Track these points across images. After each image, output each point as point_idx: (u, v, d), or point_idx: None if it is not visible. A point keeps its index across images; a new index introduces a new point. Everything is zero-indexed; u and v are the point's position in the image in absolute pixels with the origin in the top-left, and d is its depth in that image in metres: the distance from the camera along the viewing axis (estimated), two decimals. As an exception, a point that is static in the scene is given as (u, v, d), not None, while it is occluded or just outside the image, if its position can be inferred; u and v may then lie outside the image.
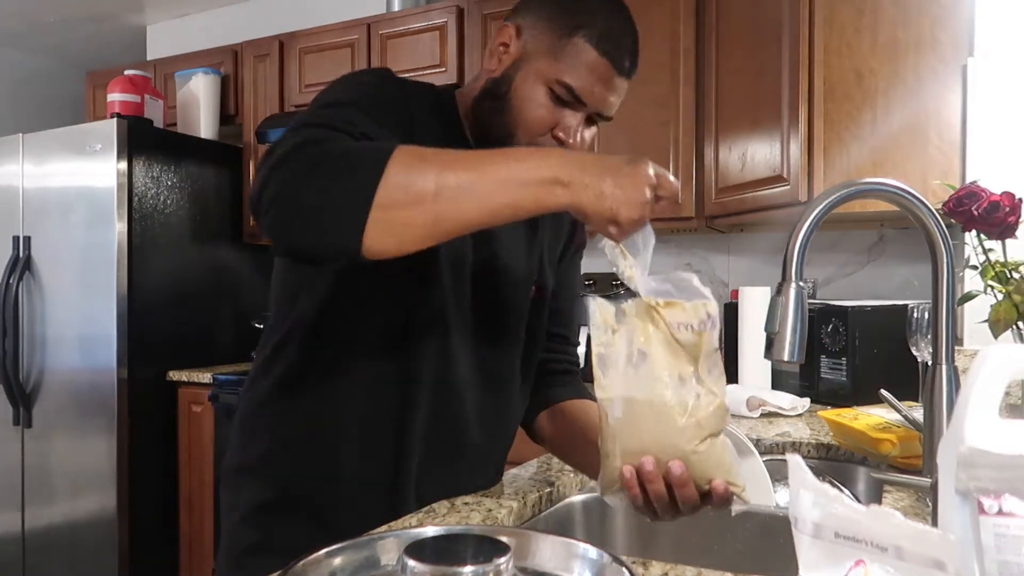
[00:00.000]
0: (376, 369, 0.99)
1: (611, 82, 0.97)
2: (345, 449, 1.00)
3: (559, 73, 0.96)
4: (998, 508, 0.55)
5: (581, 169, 0.78)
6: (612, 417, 0.78)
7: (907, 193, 0.88)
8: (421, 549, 0.65)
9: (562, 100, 0.97)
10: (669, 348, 0.78)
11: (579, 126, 0.98)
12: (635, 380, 0.77)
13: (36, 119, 4.09)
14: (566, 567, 0.72)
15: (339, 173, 0.77)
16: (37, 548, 3.03)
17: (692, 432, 0.77)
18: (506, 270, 1.06)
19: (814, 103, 1.95)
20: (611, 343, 0.79)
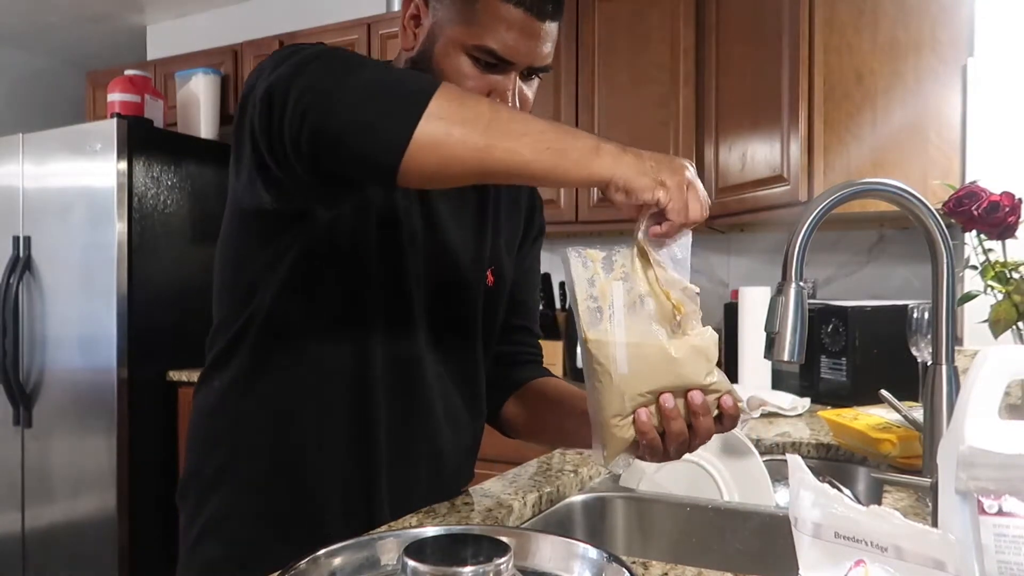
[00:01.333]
0: (332, 366, 0.94)
1: (535, 32, 0.89)
2: (309, 453, 0.95)
3: (476, 37, 0.88)
4: (998, 508, 0.55)
5: (619, 149, 0.74)
6: (616, 369, 0.74)
7: (907, 193, 0.88)
8: (421, 549, 0.65)
9: (489, 65, 0.90)
10: (669, 289, 0.78)
11: (515, 86, 0.92)
12: (636, 325, 0.75)
13: (36, 119, 4.09)
14: (566, 567, 0.72)
15: (387, 76, 0.73)
16: (37, 548, 3.03)
17: (703, 365, 0.76)
18: (456, 252, 1.01)
19: (814, 103, 1.95)
20: (604, 293, 0.76)
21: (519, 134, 0.72)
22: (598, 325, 0.75)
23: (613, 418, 0.75)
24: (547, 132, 0.73)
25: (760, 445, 1.50)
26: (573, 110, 2.61)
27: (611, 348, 0.74)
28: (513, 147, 0.72)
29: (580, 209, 2.61)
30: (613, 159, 0.73)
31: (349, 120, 0.71)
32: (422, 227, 0.98)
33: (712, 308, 2.75)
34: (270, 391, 0.95)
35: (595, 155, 0.73)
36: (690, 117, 2.44)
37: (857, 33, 1.93)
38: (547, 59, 0.92)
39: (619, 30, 2.52)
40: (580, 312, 0.76)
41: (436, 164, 0.72)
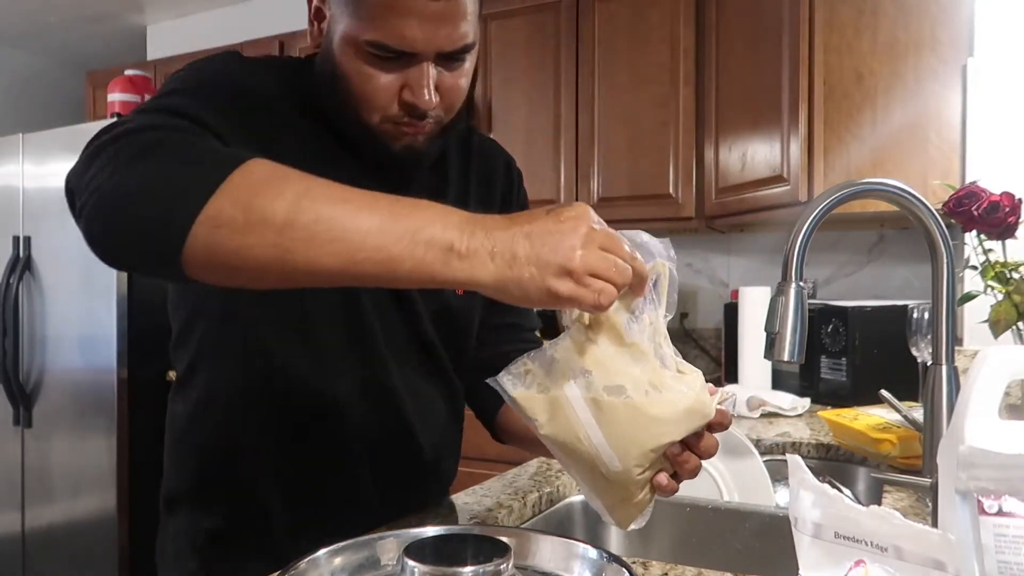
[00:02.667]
0: (292, 384, 0.88)
1: (433, 14, 0.76)
2: (278, 473, 0.91)
3: (365, 31, 0.77)
4: (998, 508, 0.55)
5: (487, 232, 0.60)
6: (609, 468, 0.66)
7: (907, 193, 0.88)
8: (421, 549, 0.65)
9: (389, 59, 0.79)
10: (629, 352, 0.65)
11: (428, 78, 0.79)
12: (610, 417, 0.64)
13: (36, 119, 4.09)
14: (566, 567, 0.72)
15: (172, 167, 0.62)
16: (37, 548, 3.03)
17: (697, 420, 0.66)
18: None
19: (814, 103, 1.95)
20: (558, 404, 0.65)
21: (326, 238, 0.59)
22: (568, 434, 0.65)
23: (622, 503, 0.70)
24: (372, 234, 0.59)
25: (760, 445, 1.50)
26: (573, 110, 2.61)
27: (593, 451, 0.65)
28: (314, 257, 0.59)
29: (580, 209, 2.61)
30: (473, 262, 0.59)
31: (126, 227, 0.62)
32: None
33: (712, 308, 2.75)
34: (230, 418, 0.91)
35: (445, 260, 0.59)
36: (690, 117, 2.44)
37: (857, 33, 1.93)
38: (461, 40, 0.80)
39: (619, 30, 2.52)
40: (545, 436, 0.67)
41: (221, 275, 0.62)
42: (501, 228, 0.60)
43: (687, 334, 2.76)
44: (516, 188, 1.07)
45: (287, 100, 0.86)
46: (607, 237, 0.61)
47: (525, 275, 0.59)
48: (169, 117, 0.70)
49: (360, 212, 0.60)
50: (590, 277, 0.59)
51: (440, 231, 0.59)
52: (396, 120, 0.83)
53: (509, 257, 0.59)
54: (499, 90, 2.74)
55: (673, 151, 2.46)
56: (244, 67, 0.86)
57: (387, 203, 0.61)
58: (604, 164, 2.57)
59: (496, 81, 2.75)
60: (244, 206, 0.59)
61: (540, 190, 2.66)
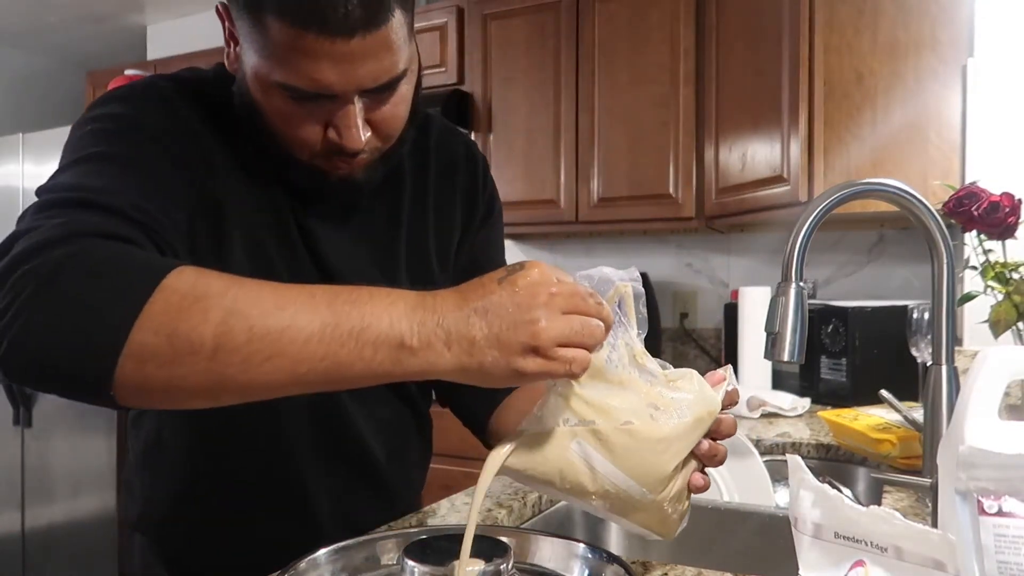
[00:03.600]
0: (237, 422, 0.82)
1: (345, 55, 0.67)
2: (233, 505, 0.88)
3: (271, 73, 0.70)
4: (998, 508, 0.55)
5: (438, 317, 0.55)
6: (638, 499, 0.63)
7: (907, 193, 0.88)
8: (421, 549, 0.65)
9: (304, 96, 0.70)
10: (619, 386, 0.63)
11: (354, 117, 0.72)
12: (623, 454, 0.62)
13: (36, 119, 4.08)
14: (566, 567, 0.72)
15: (86, 297, 0.55)
16: (37, 548, 3.03)
17: (700, 429, 0.66)
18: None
19: (814, 103, 1.95)
20: (570, 472, 0.62)
21: (263, 357, 0.54)
22: (595, 487, 0.63)
23: (663, 522, 0.67)
24: (312, 342, 0.54)
25: (760, 445, 1.50)
26: (573, 110, 2.61)
27: (623, 493, 0.63)
28: (253, 378, 0.55)
29: (580, 209, 2.62)
30: (429, 355, 0.55)
31: (50, 369, 0.55)
32: (314, 278, 0.83)
33: (712, 308, 2.75)
34: (181, 453, 0.89)
35: (396, 357, 0.55)
36: (690, 117, 2.44)
37: (857, 33, 1.93)
38: (387, 74, 0.71)
39: (619, 30, 2.52)
40: (569, 496, 0.64)
41: (160, 406, 0.59)
42: (453, 309, 0.56)
43: (687, 334, 2.76)
44: (481, 179, 0.99)
45: (214, 126, 0.79)
46: (569, 297, 0.56)
47: (487, 360, 0.55)
48: (73, 213, 0.62)
49: (297, 319, 0.55)
50: (558, 348, 0.55)
51: (387, 327, 0.55)
52: (327, 156, 0.76)
53: (467, 344, 0.55)
54: (499, 90, 2.74)
55: (673, 151, 2.46)
56: (162, 103, 0.77)
57: (326, 300, 0.56)
58: (604, 164, 2.57)
59: (496, 81, 2.75)
60: (168, 335, 0.54)
61: (540, 190, 2.66)
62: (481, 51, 2.76)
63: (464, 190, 0.97)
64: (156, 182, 0.70)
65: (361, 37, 0.66)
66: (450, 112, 2.69)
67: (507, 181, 2.67)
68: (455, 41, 2.82)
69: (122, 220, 0.63)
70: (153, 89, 0.78)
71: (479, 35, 2.77)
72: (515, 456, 0.62)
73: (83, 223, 0.60)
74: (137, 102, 0.76)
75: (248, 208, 0.80)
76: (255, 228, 0.80)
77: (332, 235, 0.85)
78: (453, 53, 2.82)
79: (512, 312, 0.55)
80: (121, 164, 0.69)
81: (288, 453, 0.88)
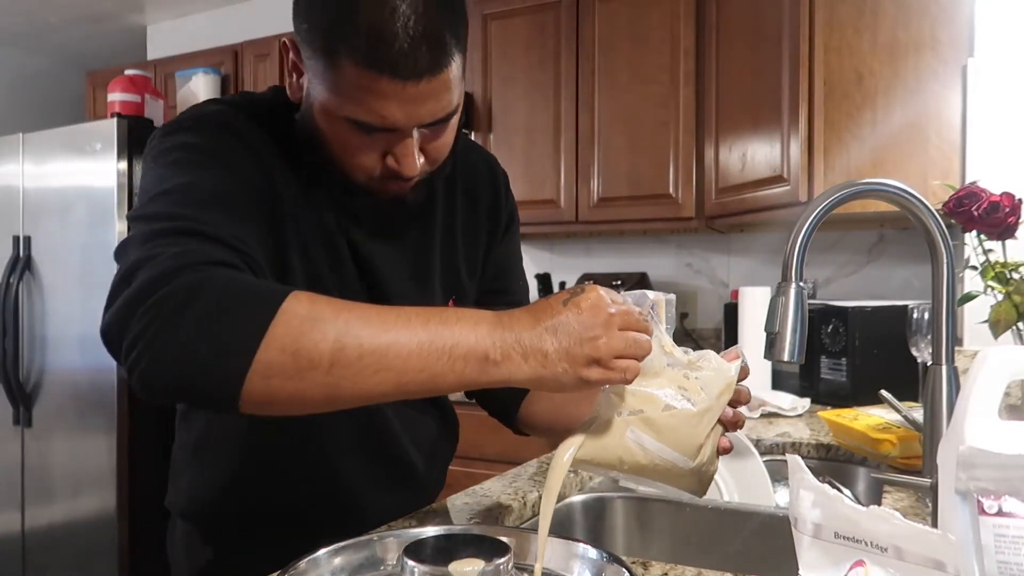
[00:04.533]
0: (283, 424, 0.87)
1: (410, 96, 0.74)
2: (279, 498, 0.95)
3: (340, 108, 0.77)
4: (998, 508, 0.55)
5: (515, 335, 0.65)
6: (686, 467, 0.74)
7: (907, 193, 0.88)
8: (421, 549, 0.66)
9: (369, 129, 0.77)
10: (658, 377, 0.73)
11: (412, 147, 0.80)
12: (667, 433, 0.72)
13: (36, 119, 4.09)
14: (566, 567, 0.72)
15: (215, 321, 0.63)
16: (37, 548, 3.03)
17: (726, 392, 0.76)
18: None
19: (814, 103, 1.95)
20: (628, 455, 0.72)
21: (372, 371, 0.63)
22: (648, 463, 0.73)
23: (699, 481, 0.77)
24: (412, 358, 0.63)
25: (760, 445, 1.50)
26: (573, 110, 2.61)
27: (669, 464, 0.73)
28: (364, 389, 0.64)
29: (580, 209, 2.62)
30: (509, 366, 0.65)
31: (182, 387, 0.64)
32: (360, 289, 0.92)
33: (712, 308, 2.75)
34: (230, 452, 0.96)
35: (482, 369, 0.64)
36: (690, 117, 2.44)
37: (857, 33, 1.93)
38: (444, 111, 0.79)
39: (619, 30, 2.52)
40: (630, 475, 0.75)
41: (284, 413, 0.66)
42: (528, 328, 0.65)
43: (687, 334, 2.76)
44: (503, 193, 1.07)
45: (275, 152, 0.85)
46: (624, 316, 0.67)
47: (559, 370, 0.65)
48: (183, 242, 0.69)
49: (399, 339, 0.64)
50: (615, 360, 0.65)
51: (474, 343, 0.64)
52: (382, 179, 0.83)
53: (541, 357, 0.65)
54: (499, 90, 2.74)
55: (673, 151, 2.46)
56: (231, 133, 0.83)
57: (421, 322, 0.65)
58: (604, 164, 2.57)
59: (496, 81, 2.75)
60: (292, 353, 0.62)
61: (540, 190, 2.66)
62: (481, 51, 2.76)
63: (488, 207, 1.05)
64: (241, 212, 0.76)
65: (427, 81, 0.74)
66: (450, 112, 2.69)
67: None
68: (455, 41, 2.81)
69: (226, 248, 0.70)
70: (217, 116, 0.84)
71: (479, 35, 2.77)
72: (585, 450, 0.71)
73: (197, 253, 0.67)
74: (206, 131, 0.82)
75: (306, 230, 0.87)
76: (312, 249, 0.87)
77: (378, 251, 0.92)
78: (453, 53, 2.82)
79: (577, 330, 0.65)
80: (210, 194, 0.75)
81: (327, 452, 0.94)
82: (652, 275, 2.71)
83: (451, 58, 0.75)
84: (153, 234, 0.70)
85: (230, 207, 0.75)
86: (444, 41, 0.74)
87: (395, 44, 0.71)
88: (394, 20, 0.71)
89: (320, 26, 0.75)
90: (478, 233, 1.04)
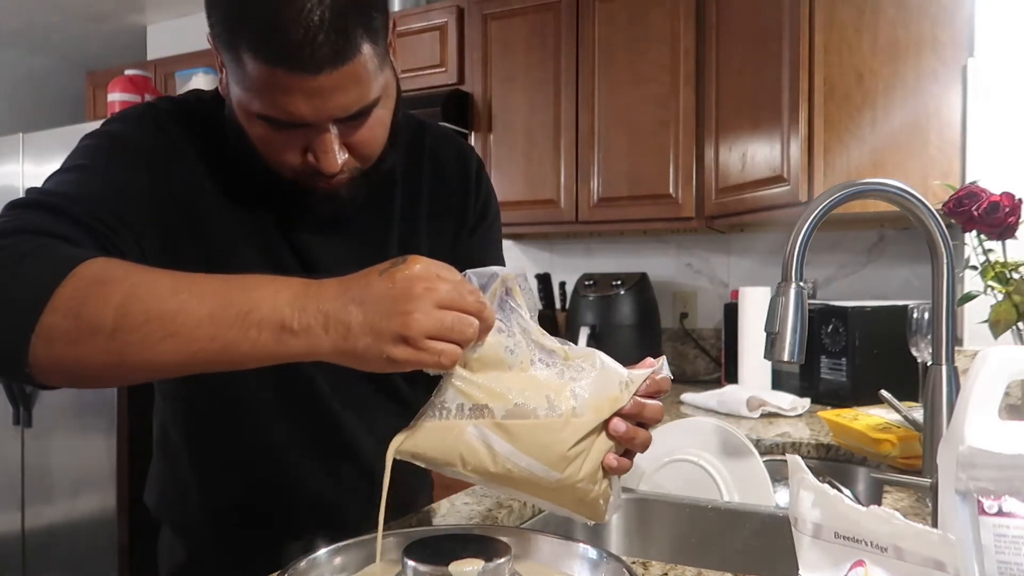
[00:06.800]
0: (227, 421, 0.90)
1: (315, 89, 0.71)
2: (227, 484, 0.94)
3: (251, 104, 0.74)
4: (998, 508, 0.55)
5: (319, 303, 0.60)
6: (550, 479, 0.65)
7: (907, 193, 0.88)
8: (421, 549, 0.65)
9: (280, 124, 0.75)
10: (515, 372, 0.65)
11: (330, 142, 0.76)
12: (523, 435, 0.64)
13: (36, 119, 4.08)
14: (566, 567, 0.72)
15: (8, 285, 0.62)
16: (37, 548, 3.03)
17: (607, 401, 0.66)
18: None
19: (814, 103, 1.95)
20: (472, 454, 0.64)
21: (159, 338, 0.60)
22: (496, 468, 0.65)
23: (581, 503, 0.68)
24: (203, 324, 0.60)
25: (760, 445, 1.50)
26: (573, 110, 2.61)
27: (527, 473, 0.65)
28: (150, 357, 0.60)
29: (580, 209, 2.62)
30: (309, 337, 0.59)
31: None
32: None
33: (712, 308, 2.75)
34: (182, 458, 0.96)
35: (278, 338, 0.60)
36: (690, 117, 2.44)
37: (857, 33, 1.93)
38: (358, 104, 0.75)
39: (619, 30, 2.52)
40: (474, 476, 0.66)
41: (68, 382, 0.64)
42: (333, 297, 0.60)
43: (687, 334, 2.76)
44: (474, 182, 1.02)
45: (203, 147, 0.84)
46: (446, 293, 0.60)
47: (360, 345, 0.59)
48: (29, 213, 0.69)
49: (189, 303, 0.60)
50: (428, 340, 0.59)
51: (270, 311, 0.60)
52: (309, 175, 0.80)
53: (343, 329, 0.59)
54: (499, 90, 2.74)
55: (673, 151, 2.46)
56: (154, 125, 0.83)
57: (218, 288, 0.62)
58: (604, 164, 2.57)
59: (496, 81, 2.75)
60: (74, 316, 0.60)
61: (540, 190, 2.66)
62: (481, 51, 2.76)
63: (456, 195, 0.99)
64: (125, 195, 0.76)
65: (328, 73, 0.70)
66: (450, 112, 2.69)
67: (507, 181, 2.67)
68: (455, 41, 2.82)
69: (70, 222, 0.69)
70: (151, 111, 0.84)
71: (479, 35, 2.77)
72: (411, 441, 0.64)
73: (29, 222, 0.67)
74: (131, 122, 0.83)
75: (235, 228, 0.85)
76: (241, 247, 0.85)
77: (322, 243, 0.88)
78: (453, 53, 2.82)
79: (387, 303, 0.59)
80: (96, 176, 0.76)
81: (279, 453, 0.92)
82: (652, 275, 2.71)
83: (357, 49, 0.71)
84: (15, 205, 0.71)
85: (110, 192, 0.75)
86: (347, 31, 0.70)
87: (291, 35, 0.68)
88: (290, 10, 0.68)
89: (222, 21, 0.73)
90: (444, 224, 0.99)
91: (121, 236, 0.73)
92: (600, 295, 2.58)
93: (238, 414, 0.90)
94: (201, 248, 0.83)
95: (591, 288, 2.62)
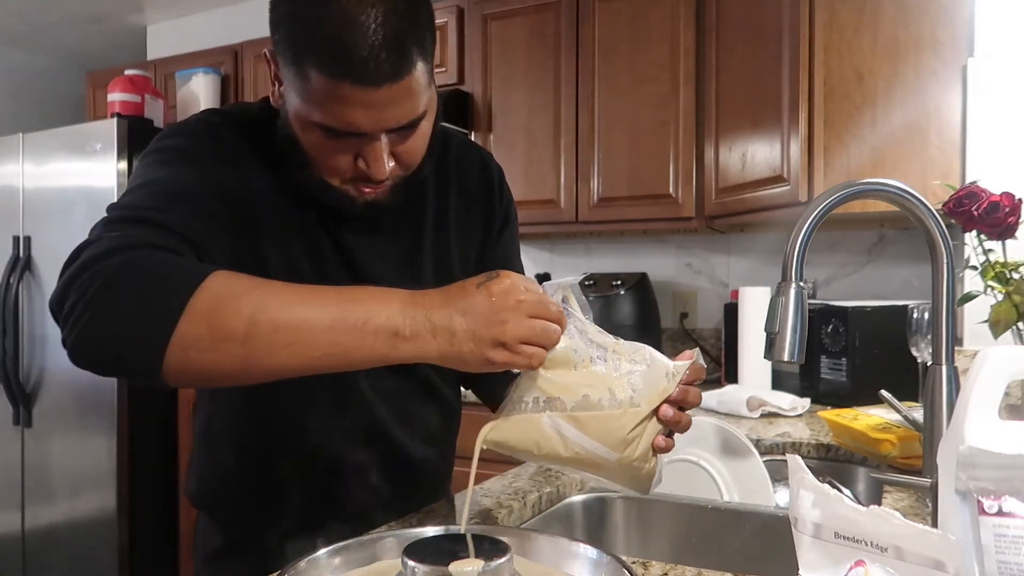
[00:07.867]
0: (275, 413, 0.95)
1: (374, 102, 0.77)
2: (276, 484, 0.98)
3: (310, 114, 0.80)
4: (998, 508, 0.55)
5: (426, 313, 0.69)
6: (610, 459, 0.75)
7: (907, 193, 0.88)
8: (421, 549, 0.65)
9: (338, 133, 0.81)
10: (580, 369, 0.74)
11: (381, 151, 0.82)
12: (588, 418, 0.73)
13: (36, 119, 4.08)
14: (566, 567, 0.72)
15: (140, 296, 0.68)
16: (37, 548, 3.03)
17: (657, 385, 0.75)
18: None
19: (814, 103, 1.95)
20: (545, 441, 0.74)
21: (284, 344, 0.67)
22: (567, 451, 0.74)
23: (634, 479, 0.78)
24: (325, 333, 0.67)
25: (760, 445, 1.50)
26: (573, 110, 2.61)
27: (591, 455, 0.74)
28: (277, 362, 0.68)
29: (580, 209, 2.62)
30: (419, 343, 0.69)
31: (108, 352, 0.68)
32: (345, 281, 0.93)
33: (712, 308, 2.75)
34: (227, 441, 1.00)
35: (392, 344, 0.68)
36: (690, 117, 2.44)
37: (857, 33, 1.93)
38: (409, 116, 0.82)
39: (619, 30, 2.52)
40: (545, 459, 0.76)
41: (200, 383, 0.72)
42: (439, 307, 0.69)
43: (687, 334, 2.76)
44: (498, 191, 1.09)
45: (257, 155, 0.90)
46: (534, 304, 0.70)
47: (464, 349, 0.69)
48: (131, 228, 0.74)
49: (311, 314, 0.68)
50: (521, 345, 0.69)
51: (385, 319, 0.68)
52: (355, 182, 0.86)
53: (448, 335, 0.69)
54: (499, 90, 2.74)
55: (673, 151, 2.46)
56: (210, 137, 0.90)
57: (335, 298, 0.70)
58: (604, 164, 2.57)
59: (496, 81, 2.75)
60: (208, 326, 0.67)
61: (540, 190, 2.66)
62: (481, 51, 2.76)
63: (482, 205, 1.07)
64: (200, 206, 0.81)
65: (388, 87, 0.77)
66: (450, 112, 2.69)
67: (507, 181, 2.67)
68: (455, 41, 2.82)
69: (169, 234, 0.75)
70: (204, 124, 0.92)
71: (479, 35, 2.77)
72: (497, 431, 0.74)
73: (137, 236, 0.72)
74: (187, 135, 0.90)
75: (284, 226, 0.91)
76: (290, 243, 0.91)
77: (363, 245, 0.95)
78: (453, 53, 2.82)
79: (486, 313, 0.69)
80: (174, 188, 0.81)
81: (322, 445, 0.97)
82: (652, 275, 2.71)
83: (413, 66, 0.78)
84: (109, 221, 0.76)
85: (189, 201, 0.80)
86: (405, 49, 0.77)
87: (356, 52, 0.74)
88: (355, 30, 0.75)
89: (288, 38, 0.79)
90: (472, 231, 1.06)
91: (209, 245, 0.79)
92: (600, 295, 2.59)
93: (283, 405, 0.95)
94: (255, 246, 0.89)
95: (591, 288, 2.62)
